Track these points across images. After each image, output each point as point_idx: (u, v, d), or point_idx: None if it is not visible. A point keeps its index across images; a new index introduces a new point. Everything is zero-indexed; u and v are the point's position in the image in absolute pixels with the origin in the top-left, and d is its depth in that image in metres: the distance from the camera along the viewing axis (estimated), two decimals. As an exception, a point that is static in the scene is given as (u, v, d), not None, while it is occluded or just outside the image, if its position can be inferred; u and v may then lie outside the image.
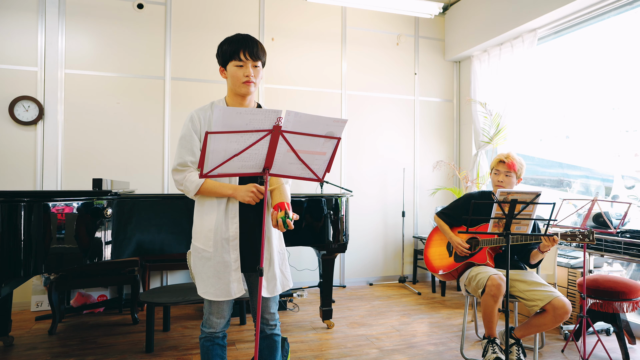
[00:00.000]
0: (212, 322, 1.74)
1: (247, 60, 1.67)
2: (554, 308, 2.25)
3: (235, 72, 1.68)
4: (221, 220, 1.68)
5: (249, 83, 1.69)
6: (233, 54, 1.67)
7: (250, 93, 1.72)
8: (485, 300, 2.38)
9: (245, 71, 1.67)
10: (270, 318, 1.81)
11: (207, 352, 1.75)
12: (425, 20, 4.93)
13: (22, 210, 2.06)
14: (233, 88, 1.73)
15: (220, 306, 1.73)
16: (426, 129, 4.96)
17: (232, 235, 1.68)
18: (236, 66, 1.68)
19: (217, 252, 1.68)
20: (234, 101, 1.76)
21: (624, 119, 3.45)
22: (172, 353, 2.73)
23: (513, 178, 2.61)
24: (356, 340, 3.00)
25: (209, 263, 1.69)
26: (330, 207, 2.99)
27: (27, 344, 2.86)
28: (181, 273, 4.08)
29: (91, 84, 3.85)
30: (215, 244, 1.68)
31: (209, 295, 1.69)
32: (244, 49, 1.66)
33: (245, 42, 1.67)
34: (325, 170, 1.59)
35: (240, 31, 4.22)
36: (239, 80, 1.68)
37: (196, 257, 1.72)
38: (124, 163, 3.91)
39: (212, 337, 1.75)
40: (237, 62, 1.67)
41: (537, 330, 2.37)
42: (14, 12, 3.66)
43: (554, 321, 2.27)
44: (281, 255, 1.82)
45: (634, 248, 2.70)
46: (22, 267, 2.07)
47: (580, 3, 3.40)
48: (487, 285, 2.37)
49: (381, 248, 4.74)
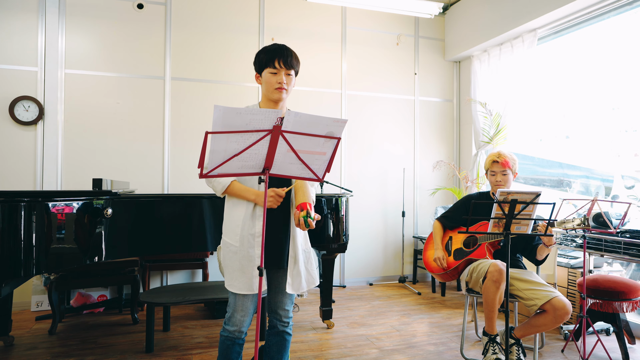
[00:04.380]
0: (236, 320, 1.80)
1: (281, 68, 1.78)
2: (554, 308, 2.25)
3: (269, 78, 1.79)
4: (248, 217, 1.78)
5: (281, 89, 1.79)
6: (269, 62, 1.78)
7: (282, 99, 1.81)
8: (486, 286, 2.38)
9: (279, 78, 1.78)
10: (284, 315, 1.89)
11: (227, 349, 1.83)
12: (425, 20, 4.93)
13: (22, 210, 2.06)
14: (266, 94, 1.82)
15: (245, 302, 1.80)
16: (426, 129, 4.96)
17: (257, 231, 1.77)
18: (271, 73, 1.78)
19: (242, 246, 1.77)
20: (266, 107, 1.85)
21: (624, 119, 3.45)
22: (172, 353, 2.73)
23: (509, 175, 2.66)
24: (356, 340, 3.00)
25: (235, 257, 1.78)
26: (330, 207, 2.99)
27: (27, 344, 2.86)
28: (181, 273, 4.08)
29: (91, 84, 3.85)
30: (241, 238, 1.77)
31: (234, 287, 1.77)
32: (279, 57, 1.77)
33: (281, 51, 1.79)
34: (325, 170, 1.59)
35: (240, 31, 4.26)
36: (272, 86, 1.78)
37: (225, 251, 1.82)
38: (124, 163, 3.91)
39: (234, 338, 1.81)
40: (272, 69, 1.78)
41: (537, 331, 2.37)
42: (14, 12, 3.66)
43: (554, 322, 2.26)
44: (306, 253, 1.89)
45: (633, 248, 2.70)
46: (22, 267, 2.06)
47: (580, 3, 3.40)
48: (488, 271, 2.38)
49: (381, 248, 4.74)
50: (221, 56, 4.22)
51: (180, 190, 4.01)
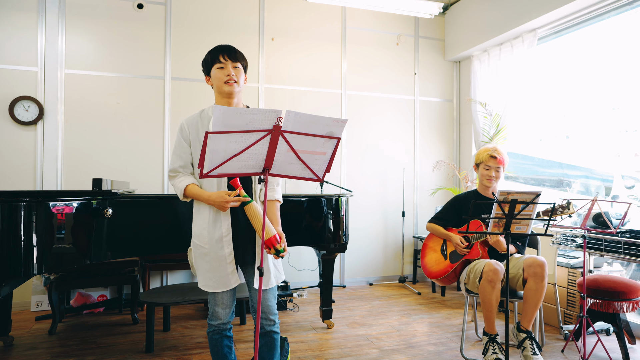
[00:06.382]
0: (218, 313, 1.84)
1: (226, 61, 1.81)
2: (527, 266, 2.32)
3: (217, 73, 1.82)
4: (212, 220, 1.80)
5: (230, 81, 1.80)
6: (214, 59, 1.82)
7: (233, 92, 1.82)
8: (482, 287, 2.39)
9: (226, 71, 1.81)
10: (268, 312, 1.86)
11: (216, 344, 1.86)
12: (425, 20, 4.93)
13: (22, 210, 2.06)
14: (218, 89, 1.84)
15: (224, 297, 1.84)
16: (426, 129, 4.96)
17: (224, 232, 1.79)
18: (218, 68, 1.82)
19: (212, 248, 1.79)
20: (221, 104, 1.84)
21: (624, 119, 3.45)
22: (172, 353, 2.73)
23: (501, 172, 2.70)
24: (356, 340, 3.00)
25: (206, 258, 1.81)
26: (330, 207, 2.99)
27: (27, 344, 2.86)
28: (181, 273, 4.08)
29: (91, 84, 3.85)
30: (210, 240, 1.79)
31: (209, 287, 1.81)
32: (222, 52, 1.82)
33: (225, 47, 1.84)
34: (325, 170, 1.59)
35: (240, 31, 4.26)
36: (221, 80, 1.81)
37: (196, 253, 1.85)
38: (124, 163, 3.91)
39: (220, 330, 1.85)
40: (219, 64, 1.82)
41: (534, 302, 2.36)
42: (14, 12, 3.66)
43: (537, 280, 2.30)
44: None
45: (634, 248, 2.70)
46: (22, 267, 2.06)
47: (580, 3, 3.40)
48: (483, 271, 2.40)
49: (381, 248, 4.74)
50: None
51: (180, 190, 4.01)
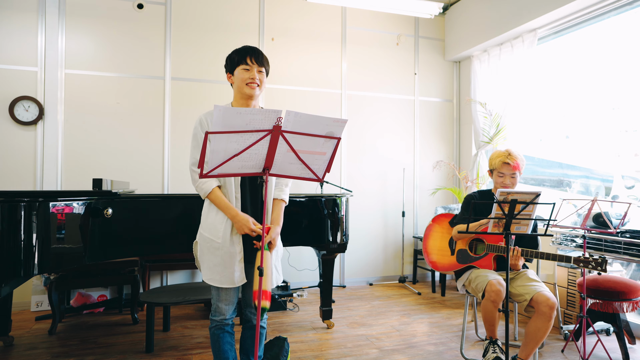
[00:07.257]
0: (221, 309, 1.87)
1: (253, 64, 1.85)
2: (537, 304, 2.22)
3: (242, 74, 1.85)
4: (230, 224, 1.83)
5: (253, 84, 1.84)
6: (241, 60, 1.85)
7: (254, 95, 1.87)
8: (485, 305, 2.38)
9: (251, 74, 1.84)
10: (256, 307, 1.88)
11: (218, 340, 1.88)
12: (425, 20, 4.93)
13: (22, 210, 2.06)
14: (239, 90, 1.87)
15: (228, 293, 1.87)
16: (426, 129, 4.96)
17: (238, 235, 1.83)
18: (243, 69, 1.85)
19: (225, 243, 1.82)
20: (239, 105, 1.91)
21: (624, 119, 3.44)
22: (172, 353, 2.73)
23: (517, 177, 2.55)
24: (356, 340, 3.00)
25: (217, 252, 1.83)
26: (330, 207, 2.99)
27: (27, 344, 2.86)
28: (181, 273, 4.08)
29: (91, 84, 3.85)
30: (224, 236, 1.82)
31: (215, 282, 1.83)
32: (251, 55, 1.85)
33: (253, 50, 1.87)
34: (325, 170, 1.60)
35: (240, 31, 4.26)
36: (244, 82, 1.84)
37: (204, 246, 1.86)
38: (124, 163, 3.91)
39: (222, 325, 1.88)
40: (245, 65, 1.84)
41: (536, 339, 2.26)
42: (14, 12, 3.66)
43: (544, 319, 2.20)
44: (277, 253, 1.95)
45: (633, 248, 2.70)
46: (22, 267, 2.06)
47: (580, 3, 3.40)
48: (486, 290, 2.35)
49: (381, 248, 4.74)
50: (221, 56, 4.18)
51: (180, 190, 4.01)
